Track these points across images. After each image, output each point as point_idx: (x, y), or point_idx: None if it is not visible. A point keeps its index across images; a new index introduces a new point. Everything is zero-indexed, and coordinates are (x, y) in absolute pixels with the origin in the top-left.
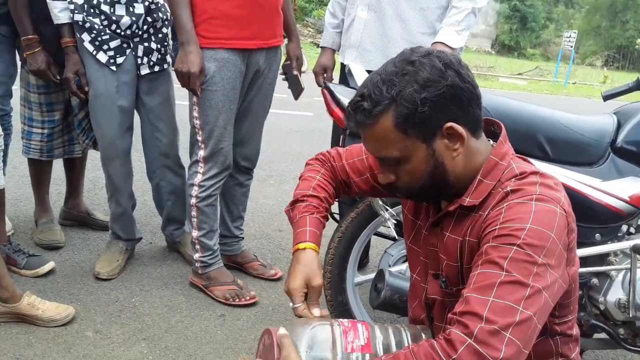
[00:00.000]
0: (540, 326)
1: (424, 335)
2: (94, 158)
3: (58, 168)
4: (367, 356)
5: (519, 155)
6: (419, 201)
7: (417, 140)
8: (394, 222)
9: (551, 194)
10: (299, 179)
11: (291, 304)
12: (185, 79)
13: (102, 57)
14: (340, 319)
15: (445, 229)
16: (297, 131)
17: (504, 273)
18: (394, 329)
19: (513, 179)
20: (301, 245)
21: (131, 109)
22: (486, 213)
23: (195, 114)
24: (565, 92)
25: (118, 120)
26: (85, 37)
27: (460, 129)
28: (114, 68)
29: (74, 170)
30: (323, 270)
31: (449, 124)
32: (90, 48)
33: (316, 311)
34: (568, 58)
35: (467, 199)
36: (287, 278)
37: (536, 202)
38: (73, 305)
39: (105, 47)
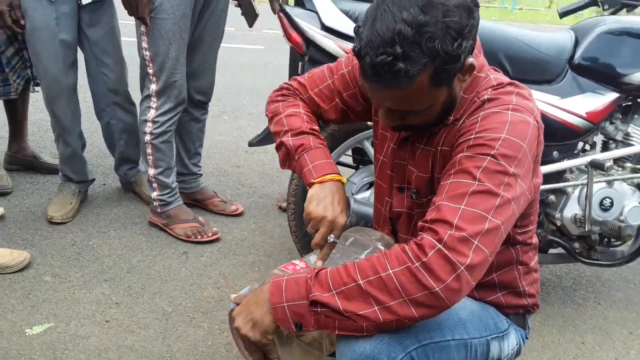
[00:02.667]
0: (505, 235)
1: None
2: (36, 100)
3: None
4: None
5: (493, 67)
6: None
7: (444, 87)
8: (349, 155)
9: (526, 104)
10: (273, 115)
11: (332, 236)
12: (133, 7)
13: None
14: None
15: (417, 141)
16: (248, 65)
17: (477, 182)
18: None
19: (490, 89)
20: (338, 177)
21: (74, 43)
22: (461, 122)
23: (145, 45)
24: (513, 18)
25: (61, 55)
26: None
27: (475, 62)
28: None
29: (16, 113)
30: (287, 202)
31: (470, 61)
32: None
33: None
34: None
35: (451, 118)
36: (323, 205)
37: (512, 112)
38: (27, 251)
39: None
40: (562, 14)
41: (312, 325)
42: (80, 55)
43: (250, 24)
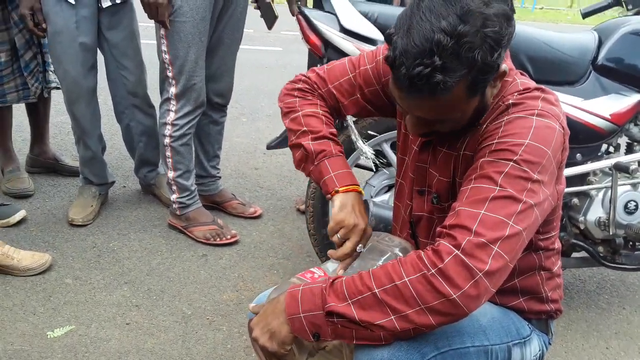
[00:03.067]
0: (527, 241)
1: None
2: (57, 102)
3: (21, 114)
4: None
5: (519, 71)
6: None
7: (478, 96)
8: (372, 153)
9: (552, 109)
10: (289, 111)
11: (360, 247)
12: (153, 10)
13: None
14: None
15: (439, 145)
16: (266, 67)
17: (498, 188)
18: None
19: (516, 93)
20: (360, 188)
21: (94, 46)
22: (484, 126)
23: (164, 48)
24: (533, 18)
25: (80, 58)
26: None
27: (507, 68)
28: (72, 1)
29: (38, 116)
30: (306, 205)
31: (502, 68)
32: None
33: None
34: None
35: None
36: (351, 214)
37: (537, 118)
38: (49, 253)
39: None
40: (585, 15)
41: (330, 335)
42: (100, 58)
43: (270, 26)
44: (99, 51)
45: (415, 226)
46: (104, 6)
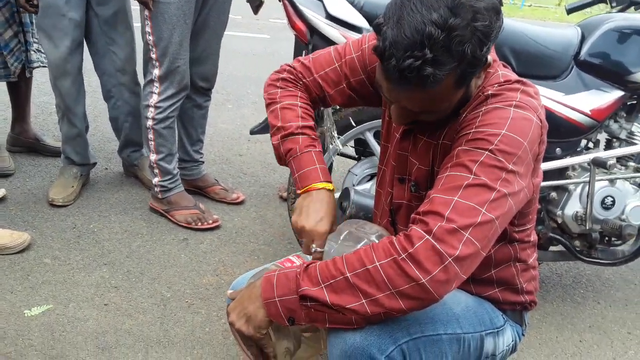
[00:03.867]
0: (501, 230)
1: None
2: (40, 82)
3: (2, 92)
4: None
5: (502, 63)
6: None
7: (464, 88)
8: (340, 149)
9: (530, 102)
10: (270, 102)
11: (314, 247)
12: None
13: None
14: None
15: (420, 134)
16: (254, 54)
17: (472, 176)
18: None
19: (496, 85)
20: (321, 185)
21: (82, 23)
22: (463, 115)
23: (148, 29)
24: (522, 15)
25: (69, 34)
26: None
27: (491, 59)
28: None
29: (19, 95)
30: (287, 192)
31: (488, 61)
32: None
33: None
34: None
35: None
36: (304, 215)
37: (514, 109)
38: (28, 233)
39: None
40: (570, 10)
41: (304, 319)
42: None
43: (255, 11)
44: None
45: (395, 214)
46: None
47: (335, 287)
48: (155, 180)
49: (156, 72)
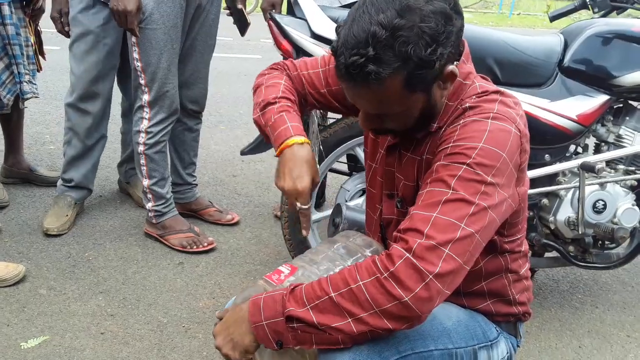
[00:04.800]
0: (484, 243)
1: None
2: (32, 112)
3: None
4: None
5: (481, 75)
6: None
7: (421, 93)
8: (343, 162)
9: (508, 112)
10: (256, 87)
11: (298, 204)
12: (122, 18)
13: None
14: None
15: (404, 149)
16: (245, 75)
17: (451, 191)
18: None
19: (474, 96)
20: (291, 140)
21: (117, 47)
22: (443, 129)
23: (136, 55)
24: (510, 23)
25: (103, 58)
26: None
27: (456, 70)
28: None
29: (12, 126)
30: (281, 211)
31: (450, 68)
32: None
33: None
34: None
35: (435, 125)
36: (282, 176)
37: (492, 121)
38: (23, 264)
39: None
40: (553, 18)
41: (291, 342)
42: None
43: (242, 33)
44: None
45: (385, 229)
46: None
47: (321, 308)
48: (149, 205)
49: (145, 97)
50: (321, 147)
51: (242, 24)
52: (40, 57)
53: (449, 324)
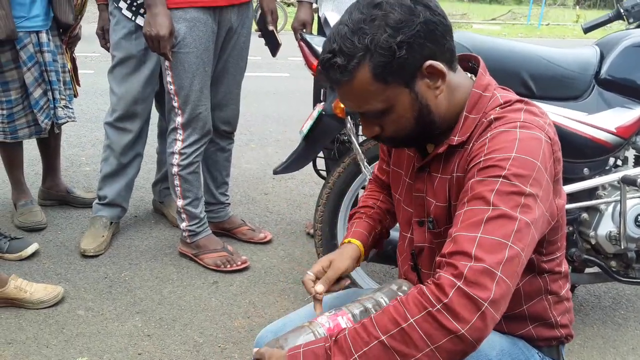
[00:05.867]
0: (525, 262)
1: (404, 287)
2: (69, 135)
3: (33, 147)
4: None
5: (502, 86)
6: (406, 147)
7: (399, 87)
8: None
9: (535, 120)
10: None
11: (316, 289)
12: (155, 43)
13: (140, 20)
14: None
15: (433, 170)
16: (274, 93)
17: (491, 207)
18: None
19: (497, 108)
20: (345, 241)
21: (157, 71)
22: (471, 145)
23: (169, 79)
24: (539, 34)
25: (144, 82)
26: (122, 4)
27: (439, 65)
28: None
29: (49, 150)
30: (314, 229)
31: (428, 62)
32: (129, 14)
33: (319, 287)
34: (540, 0)
35: (456, 138)
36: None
37: (520, 130)
38: (61, 285)
39: (141, 10)
40: (587, 30)
41: None
42: None
43: (274, 54)
44: None
45: (417, 258)
46: None
47: (370, 355)
48: (183, 225)
49: (179, 119)
50: (365, 160)
51: (274, 45)
52: (75, 84)
53: (492, 355)
